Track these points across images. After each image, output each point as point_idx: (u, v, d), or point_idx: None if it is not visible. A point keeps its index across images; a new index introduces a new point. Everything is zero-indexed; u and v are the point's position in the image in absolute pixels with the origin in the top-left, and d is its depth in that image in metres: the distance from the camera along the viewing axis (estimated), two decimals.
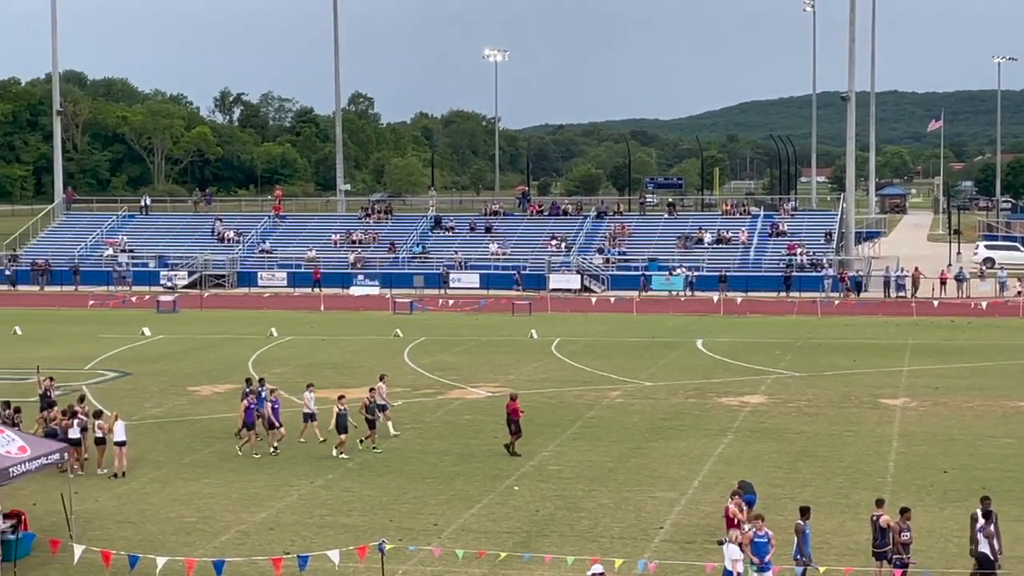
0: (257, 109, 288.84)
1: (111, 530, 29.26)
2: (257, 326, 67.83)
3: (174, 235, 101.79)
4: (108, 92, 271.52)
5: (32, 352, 58.42)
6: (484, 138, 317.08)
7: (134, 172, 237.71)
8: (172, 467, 35.46)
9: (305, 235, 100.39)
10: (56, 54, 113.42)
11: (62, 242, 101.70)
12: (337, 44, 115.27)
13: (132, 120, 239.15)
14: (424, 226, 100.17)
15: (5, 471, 26.02)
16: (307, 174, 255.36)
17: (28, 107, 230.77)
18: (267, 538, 28.61)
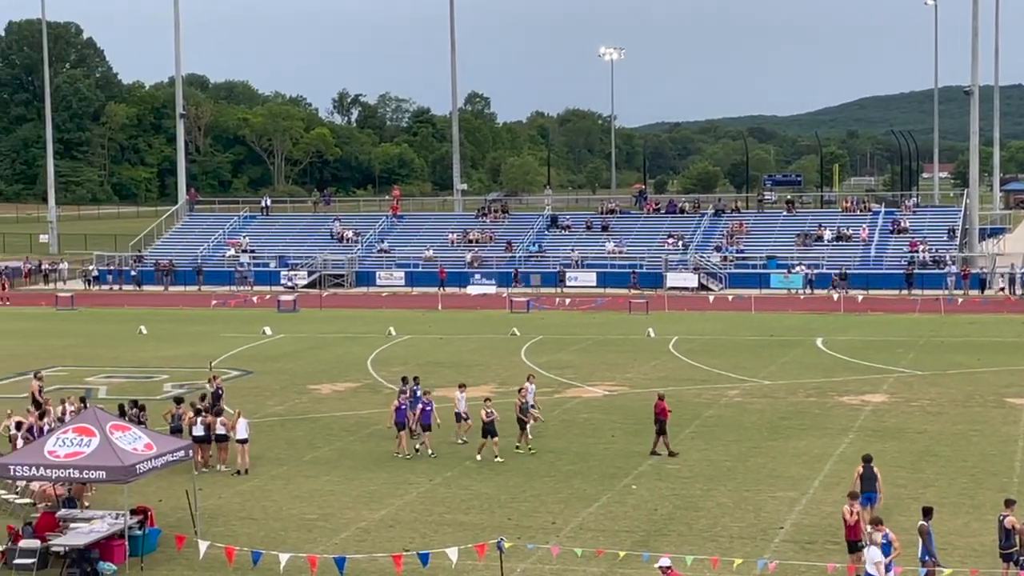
0: (375, 110, 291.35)
1: (235, 526, 29.68)
2: (375, 325, 68.37)
3: (294, 235, 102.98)
4: (229, 95, 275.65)
5: (156, 351, 59.54)
6: (600, 136, 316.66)
7: (255, 173, 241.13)
8: (293, 464, 35.87)
9: (422, 234, 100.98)
10: (179, 58, 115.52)
11: (185, 243, 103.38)
12: (454, 44, 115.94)
13: (253, 122, 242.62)
14: (540, 225, 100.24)
15: (132, 468, 26.52)
16: (424, 174, 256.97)
17: (152, 111, 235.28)
18: (387, 535, 28.82)
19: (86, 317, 76.03)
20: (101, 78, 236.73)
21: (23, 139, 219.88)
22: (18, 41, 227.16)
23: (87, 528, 27.23)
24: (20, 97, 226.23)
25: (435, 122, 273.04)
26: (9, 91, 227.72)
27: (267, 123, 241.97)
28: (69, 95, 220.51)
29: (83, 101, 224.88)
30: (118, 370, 53.83)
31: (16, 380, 51.38)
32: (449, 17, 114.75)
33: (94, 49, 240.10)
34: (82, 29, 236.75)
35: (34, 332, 68.11)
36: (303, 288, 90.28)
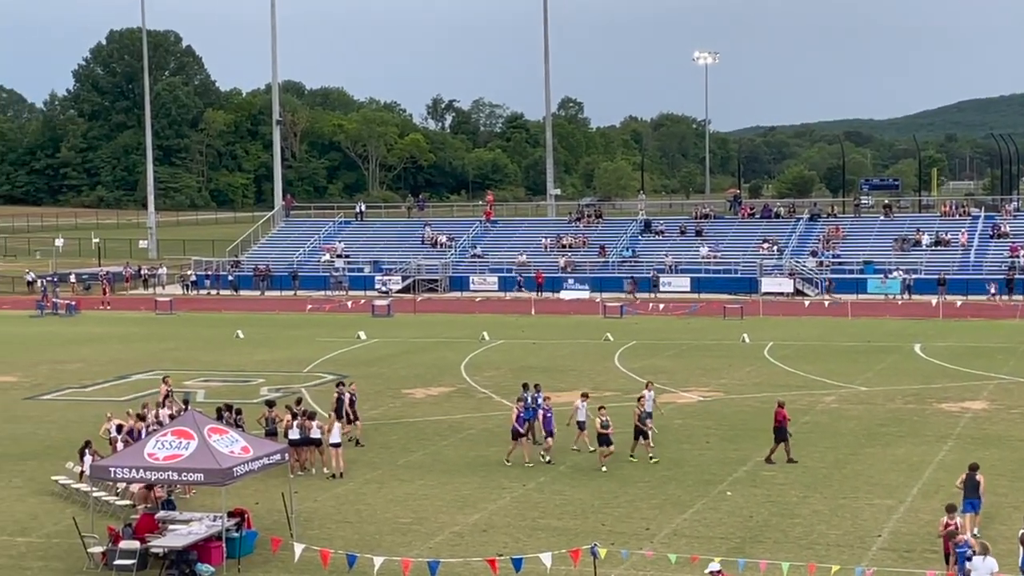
0: (468, 116, 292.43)
1: (330, 529, 29.88)
2: (469, 330, 68.55)
3: (388, 241, 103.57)
4: (325, 101, 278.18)
5: (252, 355, 60.17)
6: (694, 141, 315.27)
7: (350, 179, 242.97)
8: (388, 468, 36.04)
9: (516, 240, 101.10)
10: (275, 65, 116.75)
11: (281, 248, 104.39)
12: (547, 50, 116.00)
13: (348, 128, 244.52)
14: (634, 230, 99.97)
15: (229, 471, 26.80)
16: (517, 179, 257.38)
17: (249, 117, 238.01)
18: (480, 540, 28.86)
19: (184, 321, 77.04)
20: (200, 85, 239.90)
21: (124, 146, 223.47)
22: (119, 49, 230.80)
23: (186, 530, 27.56)
24: (121, 104, 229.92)
25: (528, 127, 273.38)
26: (110, 99, 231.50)
27: (362, 129, 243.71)
28: (168, 102, 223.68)
29: (182, 108, 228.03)
30: (215, 374, 54.47)
31: (116, 383, 52.23)
32: (543, 22, 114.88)
33: (193, 57, 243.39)
34: (181, 37, 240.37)
35: (134, 336, 69.14)
36: (397, 293, 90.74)
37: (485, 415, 43.79)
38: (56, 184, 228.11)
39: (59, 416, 44.58)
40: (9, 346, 65.30)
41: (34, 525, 30.61)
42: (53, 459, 36.87)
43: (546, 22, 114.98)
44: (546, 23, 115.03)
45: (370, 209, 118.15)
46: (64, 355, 61.28)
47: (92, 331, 71.71)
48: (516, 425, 36.24)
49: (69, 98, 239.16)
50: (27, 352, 62.73)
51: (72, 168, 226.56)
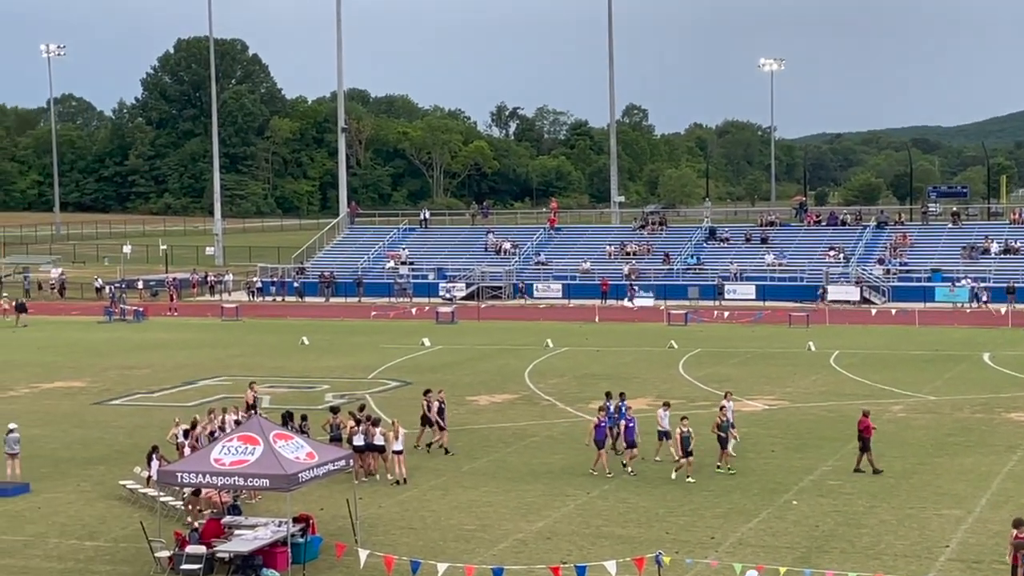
0: (532, 123, 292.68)
1: (394, 536, 29.94)
2: (533, 337, 68.55)
3: (452, 248, 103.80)
4: (389, 109, 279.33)
5: (317, 362, 60.47)
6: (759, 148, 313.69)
7: (414, 186, 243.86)
8: (452, 475, 36.07)
9: (580, 247, 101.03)
10: (341, 73, 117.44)
11: (346, 255, 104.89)
12: (612, 57, 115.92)
13: (412, 136, 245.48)
14: (699, 237, 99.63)
15: (294, 476, 26.92)
16: (581, 186, 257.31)
17: (314, 125, 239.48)
18: (544, 547, 28.81)
19: (250, 328, 77.56)
20: (266, 93, 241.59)
21: (191, 153, 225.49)
22: (186, 58, 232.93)
23: (251, 535, 27.72)
24: (188, 112, 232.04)
25: (592, 134, 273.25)
26: (178, 107, 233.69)
27: (426, 136, 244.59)
28: (235, 110, 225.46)
29: (248, 116, 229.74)
30: (281, 380, 54.78)
31: (183, 389, 52.66)
32: (607, 29, 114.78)
33: (259, 65, 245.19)
34: (247, 46, 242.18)
35: (200, 342, 69.69)
36: (461, 300, 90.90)
37: (549, 422, 43.76)
38: (124, 191, 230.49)
39: (127, 421, 45.01)
40: (78, 351, 66.03)
41: (102, 529, 30.90)
42: (121, 464, 37.23)
43: (611, 29, 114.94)
44: (611, 30, 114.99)
45: (434, 216, 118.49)
46: (132, 361, 61.87)
47: (159, 337, 72.36)
48: (597, 435, 35.64)
49: (137, 106, 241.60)
50: (96, 357, 63.39)
51: (140, 175, 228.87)
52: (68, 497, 34.03)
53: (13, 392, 52.49)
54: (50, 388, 53.59)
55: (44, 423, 44.76)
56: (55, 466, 37.72)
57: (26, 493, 34.36)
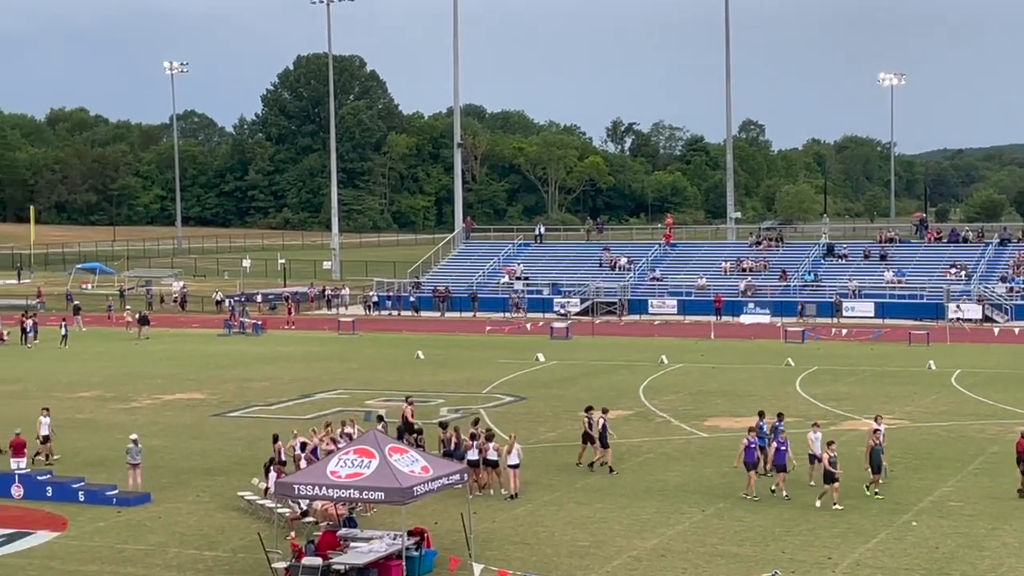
0: (648, 138, 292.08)
1: (507, 550, 29.95)
2: (647, 353, 68.27)
3: (567, 263, 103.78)
4: (505, 124, 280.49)
5: (432, 376, 60.77)
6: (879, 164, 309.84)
7: (529, 201, 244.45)
8: (565, 491, 36.01)
9: (695, 263, 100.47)
10: (457, 89, 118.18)
11: (461, 270, 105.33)
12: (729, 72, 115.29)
13: (528, 151, 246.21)
14: (816, 253, 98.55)
15: (409, 490, 27.06)
16: (697, 202, 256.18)
17: (430, 140, 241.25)
18: (658, 565, 28.64)
19: (366, 341, 78.19)
20: (383, 109, 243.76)
21: (309, 169, 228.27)
22: (305, 75, 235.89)
23: (366, 548, 27.91)
24: (307, 128, 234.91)
25: (709, 150, 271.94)
26: (297, 122, 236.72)
27: (542, 152, 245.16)
28: (353, 126, 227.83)
29: (366, 132, 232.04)
30: (397, 393, 55.07)
31: (300, 402, 53.22)
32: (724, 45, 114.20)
33: (376, 81, 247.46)
34: (365, 62, 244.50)
35: (317, 355, 70.40)
36: (576, 315, 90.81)
37: (663, 439, 43.53)
38: (244, 206, 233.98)
39: (245, 433, 45.58)
40: (198, 364, 67.07)
41: (221, 539, 31.31)
42: (239, 475, 37.72)
43: (728, 44, 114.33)
44: (728, 45, 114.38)
45: (549, 231, 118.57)
46: (250, 373, 62.68)
47: (277, 350, 73.24)
48: (747, 456, 34.67)
49: (257, 122, 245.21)
50: (215, 370, 64.34)
51: (259, 190, 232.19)
52: (188, 507, 34.54)
53: (135, 403, 53.45)
54: (171, 400, 54.49)
55: (165, 434, 45.52)
56: (175, 476, 38.32)
57: (147, 503, 34.95)
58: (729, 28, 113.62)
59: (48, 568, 29.10)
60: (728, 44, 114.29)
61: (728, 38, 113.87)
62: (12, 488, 35.62)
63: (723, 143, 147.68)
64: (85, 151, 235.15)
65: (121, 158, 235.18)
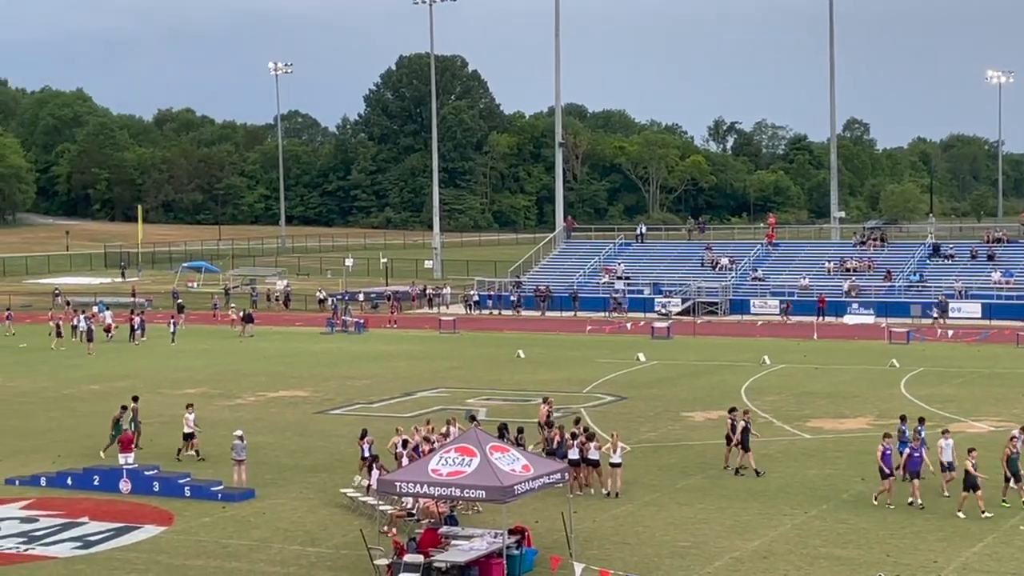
0: (751, 137, 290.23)
1: (608, 550, 29.91)
2: (749, 353, 67.82)
3: (668, 262, 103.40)
4: (606, 124, 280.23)
5: (533, 375, 60.85)
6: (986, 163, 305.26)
7: (630, 201, 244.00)
8: (666, 491, 35.89)
9: (798, 262, 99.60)
10: (559, 89, 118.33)
11: (562, 269, 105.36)
12: (833, 70, 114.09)
13: (629, 150, 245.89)
14: (922, 254, 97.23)
15: (510, 488, 27.12)
16: (800, 201, 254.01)
17: (531, 140, 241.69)
18: (760, 566, 28.44)
19: (467, 340, 78.48)
20: (484, 109, 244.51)
21: (411, 168, 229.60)
22: (407, 75, 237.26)
23: (467, 546, 28.02)
24: (409, 128, 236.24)
25: (812, 149, 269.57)
26: (399, 122, 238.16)
27: (643, 151, 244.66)
28: (454, 126, 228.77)
29: (467, 131, 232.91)
30: (497, 392, 55.29)
31: (402, 400, 53.56)
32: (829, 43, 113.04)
33: (478, 81, 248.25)
34: (467, 62, 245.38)
35: (419, 354, 70.81)
36: (677, 315, 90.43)
37: (766, 440, 43.15)
38: (347, 205, 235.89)
39: (348, 431, 45.92)
40: (301, 362, 67.76)
41: (324, 536, 31.61)
42: (342, 472, 38.04)
43: (832, 42, 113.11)
44: (832, 43, 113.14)
45: (650, 231, 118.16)
46: (353, 371, 63.21)
47: (379, 348, 73.78)
48: (882, 463, 33.62)
49: (360, 122, 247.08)
50: (318, 368, 64.96)
51: (362, 190, 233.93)
52: (291, 503, 34.92)
53: (240, 400, 54.15)
54: (274, 397, 55.11)
55: (269, 431, 46.06)
56: (279, 473, 38.76)
57: (251, 499, 35.39)
58: (833, 26, 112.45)
59: (155, 562, 29.58)
60: (832, 42, 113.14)
61: (832, 36, 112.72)
62: (120, 483, 36.26)
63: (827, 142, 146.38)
64: (191, 151, 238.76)
65: (226, 158, 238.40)
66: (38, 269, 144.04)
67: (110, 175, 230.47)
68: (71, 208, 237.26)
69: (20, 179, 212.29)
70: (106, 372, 64.08)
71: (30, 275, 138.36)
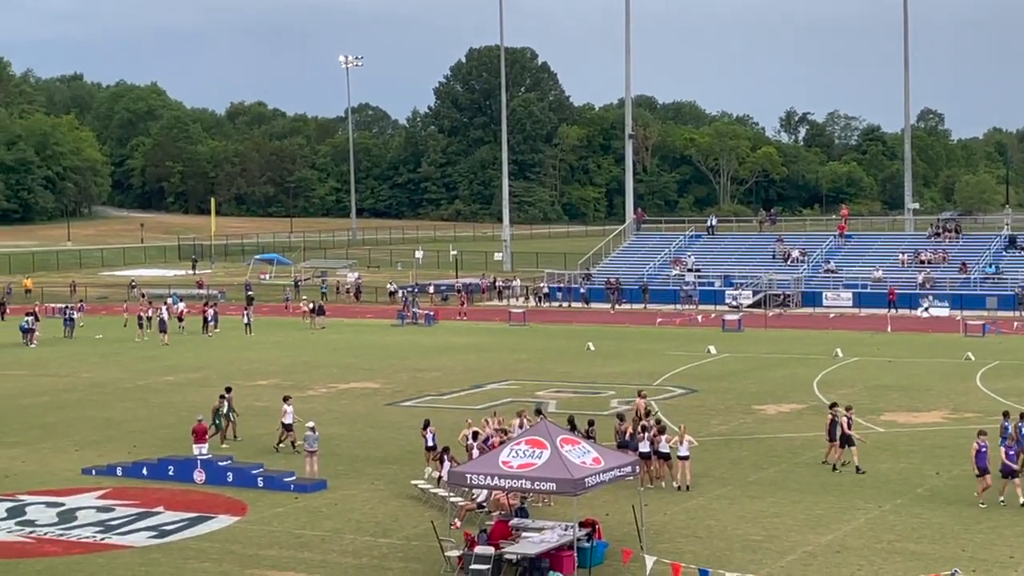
0: (823, 128, 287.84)
1: (679, 543, 29.79)
2: (822, 346, 67.31)
3: (739, 255, 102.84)
4: (676, 115, 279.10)
5: (603, 367, 60.74)
6: None
7: (700, 193, 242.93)
8: (737, 484, 35.69)
9: (871, 254, 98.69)
10: (629, 80, 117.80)
11: (632, 261, 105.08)
12: (907, 60, 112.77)
13: (699, 142, 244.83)
14: (998, 245, 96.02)
15: (580, 481, 27.07)
16: (873, 193, 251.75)
17: (601, 132, 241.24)
18: (833, 561, 28.20)
19: (536, 333, 78.47)
20: (554, 101, 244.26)
21: (480, 161, 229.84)
22: (477, 67, 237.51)
23: (538, 538, 28.00)
24: (479, 120, 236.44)
25: (885, 140, 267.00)
26: (469, 115, 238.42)
27: (713, 142, 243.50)
28: (524, 118, 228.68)
29: (537, 123, 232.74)
30: (567, 385, 55.23)
31: (471, 392, 53.63)
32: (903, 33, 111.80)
33: (548, 73, 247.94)
34: (537, 54, 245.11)
35: (488, 346, 70.89)
36: (748, 307, 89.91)
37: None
38: (417, 198, 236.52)
39: (418, 422, 45.85)
40: (372, 353, 68.06)
41: (395, 527, 31.72)
42: (412, 463, 38.14)
43: (906, 31, 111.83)
44: (906, 32, 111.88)
45: (721, 223, 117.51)
46: (423, 363, 63.39)
47: (449, 341, 73.94)
48: (1007, 461, 32.63)
49: (430, 115, 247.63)
50: (388, 359, 65.21)
51: (432, 182, 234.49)
52: (363, 495, 35.07)
53: (312, 392, 54.46)
54: (346, 388, 55.39)
55: (340, 422, 46.30)
56: (350, 464, 38.95)
57: (323, 490, 35.58)
58: (907, 15, 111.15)
59: (229, 552, 29.82)
60: (906, 32, 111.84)
61: (906, 25, 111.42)
62: (195, 473, 36.60)
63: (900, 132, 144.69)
64: (263, 144, 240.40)
65: (298, 151, 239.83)
66: (114, 261, 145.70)
67: (184, 168, 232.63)
68: (146, 201, 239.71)
69: (96, 172, 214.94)
70: (180, 363, 64.71)
71: (106, 267, 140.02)
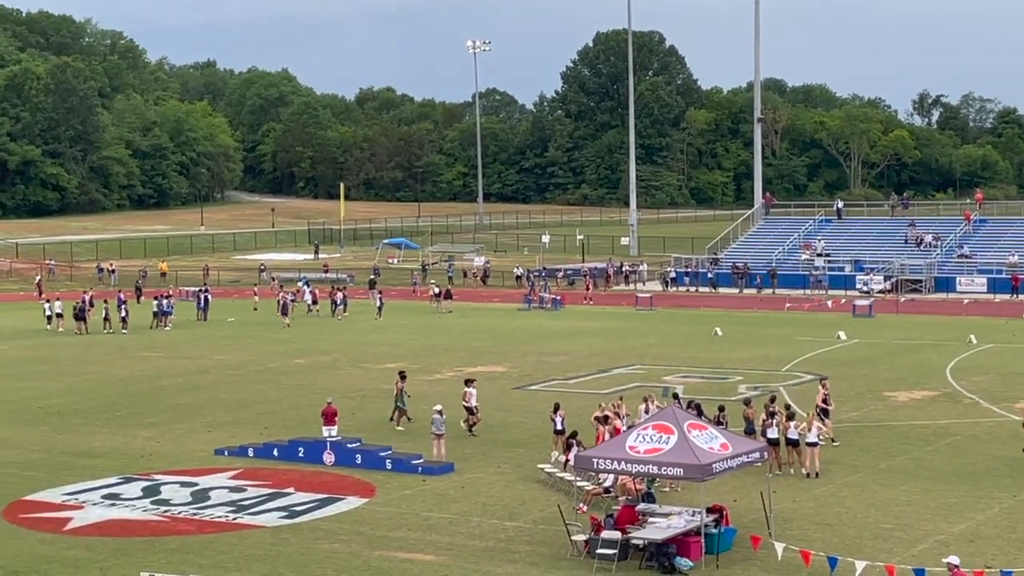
0: (957, 111, 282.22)
1: (808, 531, 29.52)
2: (955, 332, 66.12)
3: (870, 239, 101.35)
4: (806, 98, 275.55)
5: (730, 353, 60.32)
6: None
7: (830, 177, 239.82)
8: (868, 472, 35.24)
9: (1007, 239, 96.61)
10: (758, 63, 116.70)
11: (760, 246, 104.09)
12: None
13: (830, 125, 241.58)
14: None
15: (708, 467, 26.96)
16: (1009, 176, 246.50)
17: (729, 115, 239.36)
18: (967, 550, 27.70)
19: (663, 317, 78.15)
20: (682, 84, 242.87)
21: (607, 145, 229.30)
22: (604, 51, 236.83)
23: (665, 523, 27.93)
24: (606, 105, 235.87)
25: (1022, 122, 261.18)
26: (596, 99, 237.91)
27: (844, 126, 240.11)
28: (651, 102, 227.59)
29: (664, 107, 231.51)
30: (694, 370, 54.95)
31: (597, 376, 53.59)
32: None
33: (675, 56, 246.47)
34: (664, 37, 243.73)
35: (615, 331, 70.75)
36: (879, 293, 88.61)
37: (972, 421, 42.11)
38: (543, 182, 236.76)
39: (544, 407, 46.03)
40: (499, 337, 68.31)
41: (521, 511, 31.84)
42: (539, 447, 38.25)
43: None
44: None
45: (851, 207, 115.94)
46: (549, 347, 63.47)
47: (575, 325, 73.93)
48: None
49: (557, 99, 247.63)
50: (515, 343, 65.40)
51: (559, 167, 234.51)
52: (490, 478, 35.24)
53: (439, 375, 54.82)
54: (473, 372, 55.52)
55: None
56: (478, 447, 39.16)
57: (451, 472, 35.83)
58: None
59: (358, 533, 30.18)
60: None
61: None
62: (324, 455, 37.08)
63: None
64: (392, 129, 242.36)
65: (425, 136, 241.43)
66: (245, 245, 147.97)
67: (313, 153, 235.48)
68: (276, 186, 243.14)
69: (228, 158, 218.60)
70: (309, 346, 65.56)
71: (238, 251, 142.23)
